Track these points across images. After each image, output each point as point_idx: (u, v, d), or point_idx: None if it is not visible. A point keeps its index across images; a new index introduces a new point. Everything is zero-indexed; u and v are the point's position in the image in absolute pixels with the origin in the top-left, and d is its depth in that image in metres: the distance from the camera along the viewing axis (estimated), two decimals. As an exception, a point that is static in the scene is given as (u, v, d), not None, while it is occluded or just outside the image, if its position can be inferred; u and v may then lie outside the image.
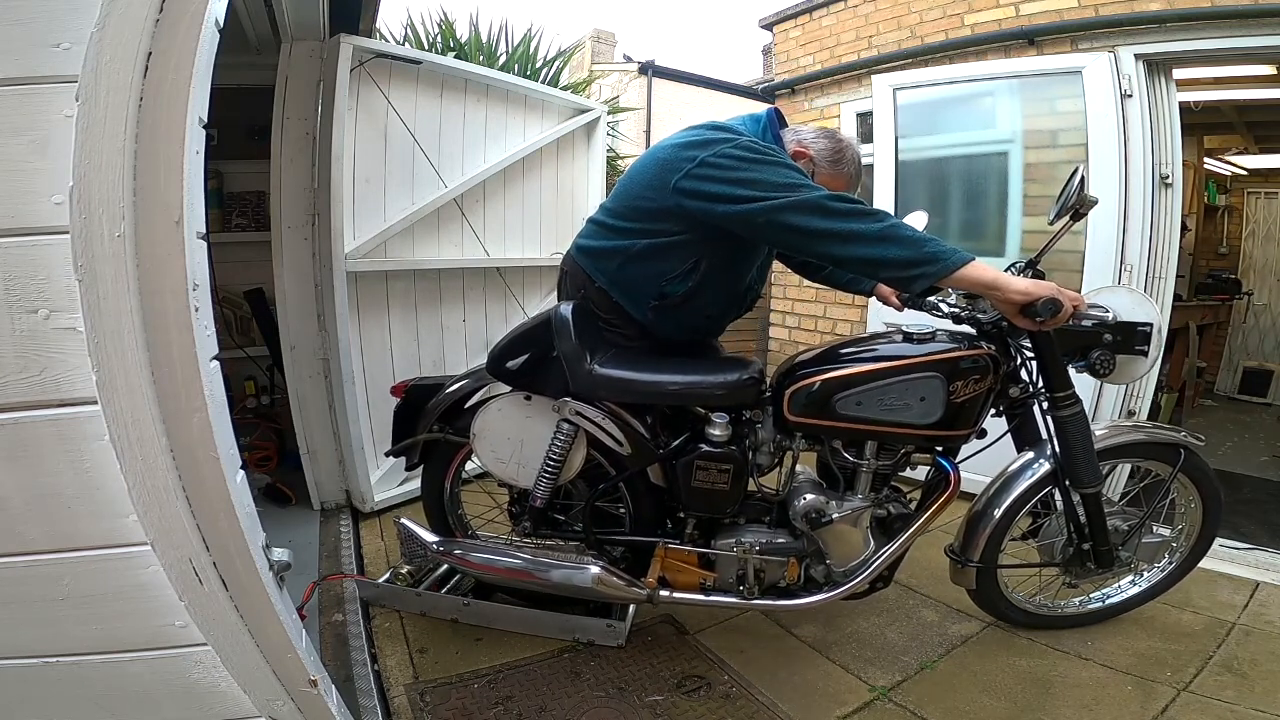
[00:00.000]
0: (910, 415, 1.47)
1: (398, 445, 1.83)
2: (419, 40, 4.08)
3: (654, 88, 10.28)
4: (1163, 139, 2.58)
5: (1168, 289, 2.63)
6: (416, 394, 1.81)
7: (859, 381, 1.48)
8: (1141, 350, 1.58)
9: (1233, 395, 5.25)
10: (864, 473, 1.58)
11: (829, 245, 1.40)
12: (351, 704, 1.49)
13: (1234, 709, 1.52)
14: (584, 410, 1.59)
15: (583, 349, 1.57)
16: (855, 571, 1.60)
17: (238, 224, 3.05)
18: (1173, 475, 1.68)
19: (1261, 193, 5.51)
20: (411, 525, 1.79)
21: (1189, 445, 1.70)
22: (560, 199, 3.38)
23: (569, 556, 1.66)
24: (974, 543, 1.69)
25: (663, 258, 1.60)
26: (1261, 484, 3.31)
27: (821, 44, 3.91)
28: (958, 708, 1.56)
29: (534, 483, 1.67)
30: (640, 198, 1.61)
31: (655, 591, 1.64)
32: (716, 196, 1.46)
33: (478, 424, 1.68)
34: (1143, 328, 1.57)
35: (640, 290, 1.65)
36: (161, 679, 1.02)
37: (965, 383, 1.46)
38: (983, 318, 1.57)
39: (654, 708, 1.57)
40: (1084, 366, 1.59)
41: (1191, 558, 1.85)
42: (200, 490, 0.93)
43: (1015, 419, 1.66)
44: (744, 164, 1.45)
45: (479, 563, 1.70)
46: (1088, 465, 1.58)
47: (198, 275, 0.89)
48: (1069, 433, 1.57)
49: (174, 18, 0.83)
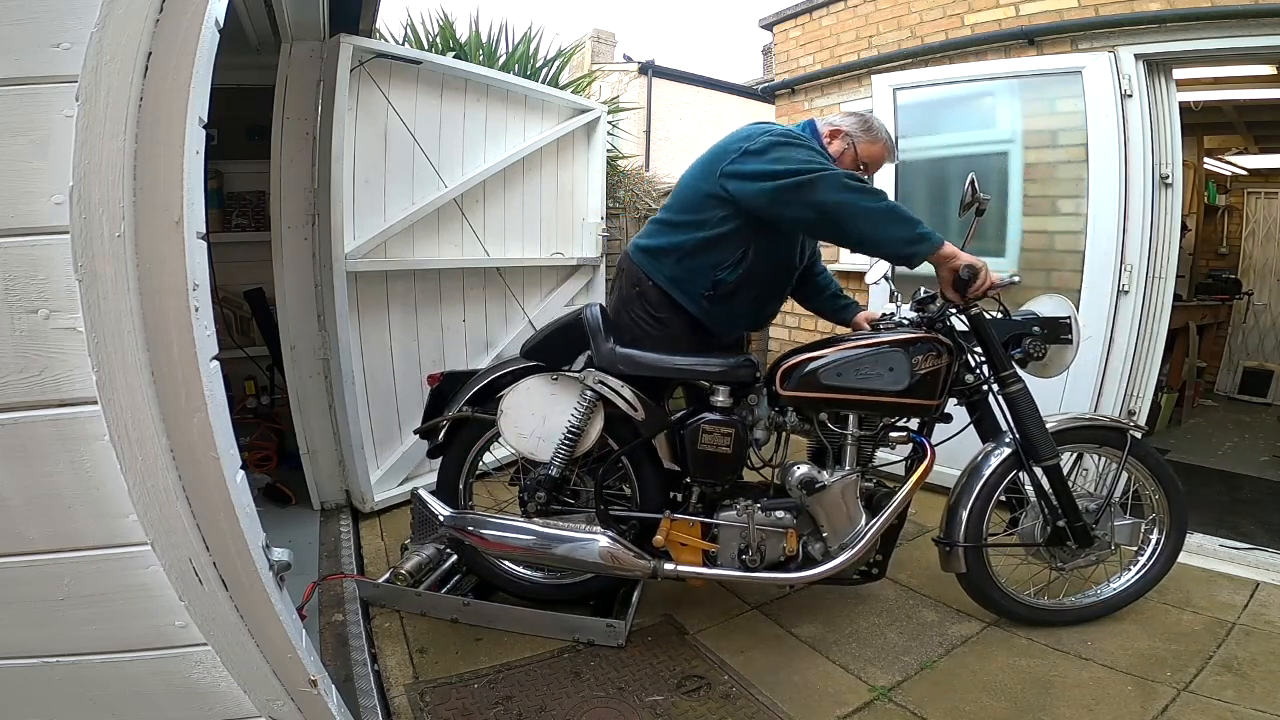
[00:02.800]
0: (882, 382, 1.68)
1: (427, 424, 1.92)
2: (419, 40, 4.08)
3: (654, 88, 10.29)
4: (1163, 139, 2.58)
5: (1168, 289, 2.63)
6: (451, 381, 1.95)
7: (839, 357, 1.71)
8: (1066, 339, 1.82)
9: (1233, 395, 5.24)
10: (849, 445, 1.74)
11: (843, 220, 1.62)
12: (351, 704, 1.49)
13: (1234, 709, 1.52)
14: (606, 379, 1.75)
15: (607, 335, 1.79)
16: (850, 544, 1.69)
17: (238, 224, 3.05)
18: (1124, 458, 1.85)
19: (1261, 193, 5.51)
20: (427, 497, 1.85)
21: (1131, 431, 1.88)
22: (560, 199, 3.38)
23: (578, 528, 1.73)
24: (956, 524, 1.80)
25: (714, 250, 1.80)
26: (1261, 484, 3.30)
27: (821, 44, 3.91)
28: (958, 708, 1.56)
29: (553, 452, 1.77)
30: (691, 188, 1.84)
31: (660, 564, 1.70)
32: (752, 175, 1.68)
33: (507, 400, 1.80)
34: (1063, 319, 1.83)
35: (695, 283, 1.84)
36: (161, 679, 1.02)
37: (925, 357, 1.70)
38: (931, 315, 1.80)
39: (654, 708, 1.57)
40: (1020, 353, 1.82)
41: (1170, 546, 1.90)
42: (200, 490, 0.93)
43: (976, 411, 1.86)
44: (778, 147, 1.69)
45: (490, 538, 1.72)
46: (1042, 438, 1.77)
47: (198, 275, 0.89)
48: (1019, 408, 1.78)
49: (174, 18, 0.83)
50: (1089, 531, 1.80)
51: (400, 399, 2.70)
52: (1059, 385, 2.48)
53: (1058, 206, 2.77)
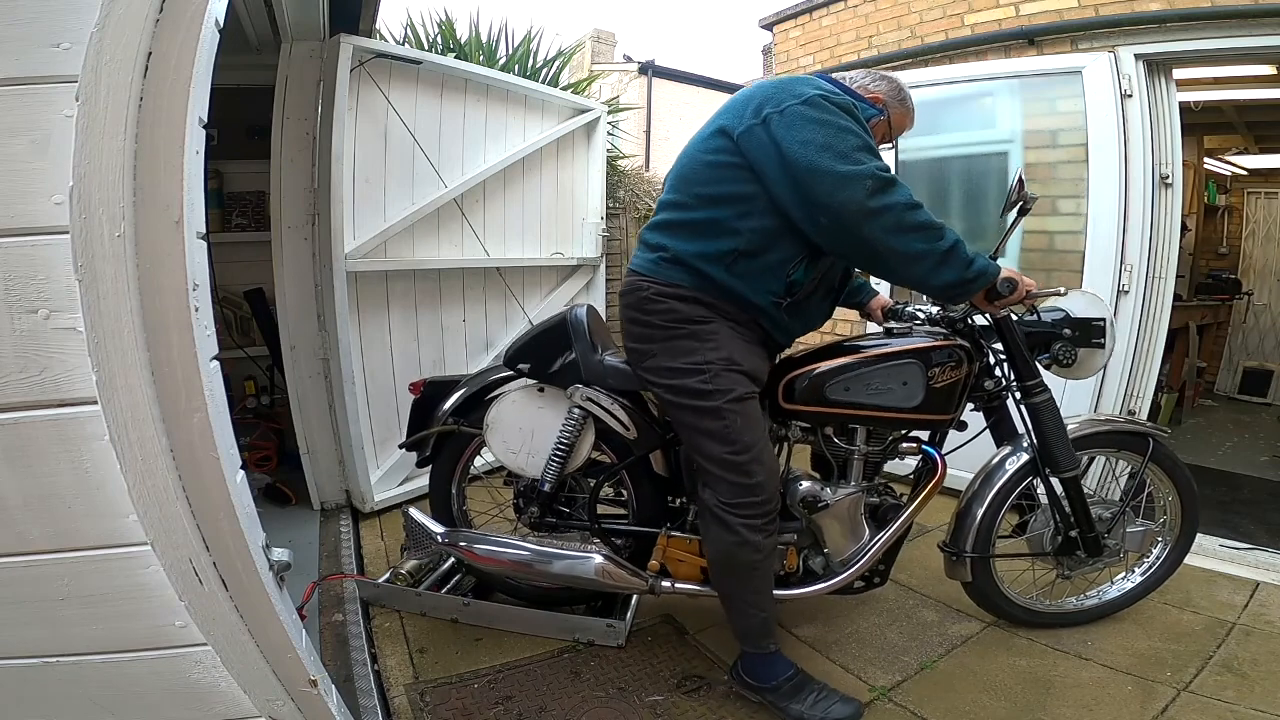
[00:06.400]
0: (894, 399, 1.56)
1: (412, 438, 1.88)
2: (419, 40, 4.08)
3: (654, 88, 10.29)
4: (1163, 139, 2.58)
5: (1168, 289, 2.63)
6: (433, 390, 1.88)
7: (846, 370, 1.57)
8: (1098, 343, 1.70)
9: (1233, 395, 5.24)
10: (855, 460, 1.64)
11: (891, 263, 1.38)
12: (351, 704, 1.49)
13: (1234, 709, 1.51)
14: (594, 396, 1.66)
15: (594, 345, 1.68)
16: (851, 560, 1.63)
17: (238, 224, 3.05)
18: (1143, 464, 1.76)
19: (1261, 193, 5.51)
20: (419, 515, 1.82)
21: (1156, 436, 1.78)
22: (560, 199, 3.38)
23: (573, 546, 1.69)
24: (964, 534, 1.74)
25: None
26: (1261, 484, 3.30)
27: (821, 44, 3.90)
28: (958, 708, 1.56)
29: (543, 469, 1.72)
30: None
31: (657, 580, 1.66)
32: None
33: (491, 415, 1.73)
34: (1097, 322, 1.70)
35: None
36: (161, 679, 1.02)
37: (942, 369, 1.57)
38: (954, 315, 1.69)
39: (654, 708, 1.57)
40: (1048, 359, 1.70)
41: (1178, 550, 1.88)
42: (200, 490, 0.93)
43: (993, 415, 1.75)
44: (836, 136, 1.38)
45: (483, 554, 1.71)
46: (1063, 449, 1.66)
47: (198, 275, 0.89)
48: (1042, 418, 1.67)
49: (174, 18, 0.83)
50: (1101, 541, 1.73)
51: (400, 399, 2.70)
52: (1058, 385, 2.48)
53: (1058, 206, 2.77)
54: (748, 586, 1.53)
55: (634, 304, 1.54)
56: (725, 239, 1.44)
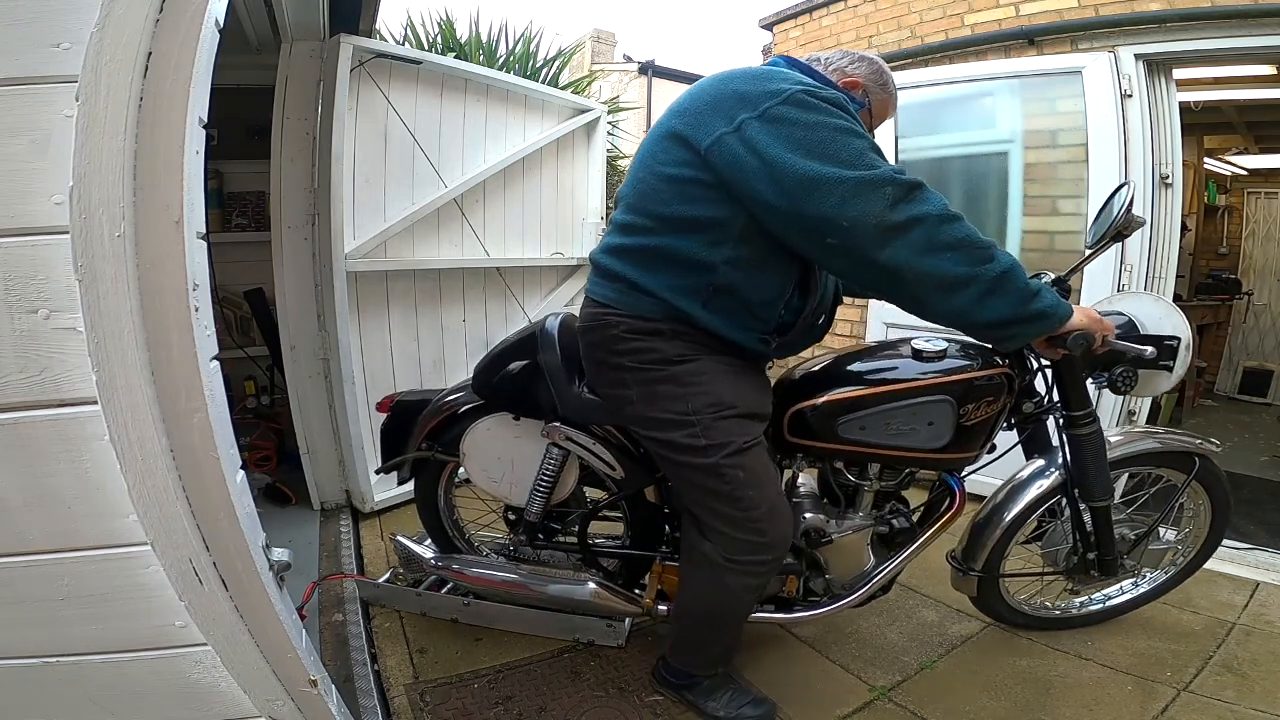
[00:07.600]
0: (917, 440, 1.37)
1: (387, 463, 1.81)
2: (419, 40, 4.09)
3: (654, 87, 10.27)
4: (1163, 139, 2.58)
5: (1168, 289, 2.63)
6: (402, 409, 1.77)
7: (863, 405, 1.37)
8: (1166, 365, 1.45)
9: (1233, 395, 5.25)
10: (866, 492, 1.53)
11: (921, 293, 1.14)
12: (351, 704, 1.49)
13: (1234, 709, 1.51)
14: (574, 436, 1.52)
15: (570, 371, 1.46)
16: (855, 585, 1.57)
17: (238, 224, 3.05)
18: (1186, 483, 1.62)
19: (1261, 193, 5.51)
20: (409, 544, 1.81)
21: (1205, 453, 1.63)
22: (560, 199, 3.37)
23: (565, 572, 1.68)
24: (978, 551, 1.65)
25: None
26: (1261, 484, 3.30)
27: (821, 44, 3.90)
28: (958, 708, 1.56)
29: (527, 499, 1.63)
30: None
31: (654, 607, 1.64)
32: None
33: (467, 443, 1.64)
34: (1169, 341, 1.45)
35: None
36: (161, 679, 1.02)
37: (977, 405, 1.35)
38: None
39: (654, 708, 1.57)
40: (1105, 381, 1.47)
41: (1195, 562, 1.83)
42: (200, 490, 0.93)
43: (1026, 429, 1.58)
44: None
45: (477, 577, 1.72)
46: (1100, 481, 1.50)
47: (198, 275, 0.89)
48: (1085, 451, 1.48)
49: (174, 18, 0.82)
50: (1119, 563, 1.63)
51: (400, 399, 2.71)
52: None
53: (1058, 206, 2.77)
54: (723, 633, 1.42)
55: (600, 343, 1.30)
56: (695, 272, 1.20)
